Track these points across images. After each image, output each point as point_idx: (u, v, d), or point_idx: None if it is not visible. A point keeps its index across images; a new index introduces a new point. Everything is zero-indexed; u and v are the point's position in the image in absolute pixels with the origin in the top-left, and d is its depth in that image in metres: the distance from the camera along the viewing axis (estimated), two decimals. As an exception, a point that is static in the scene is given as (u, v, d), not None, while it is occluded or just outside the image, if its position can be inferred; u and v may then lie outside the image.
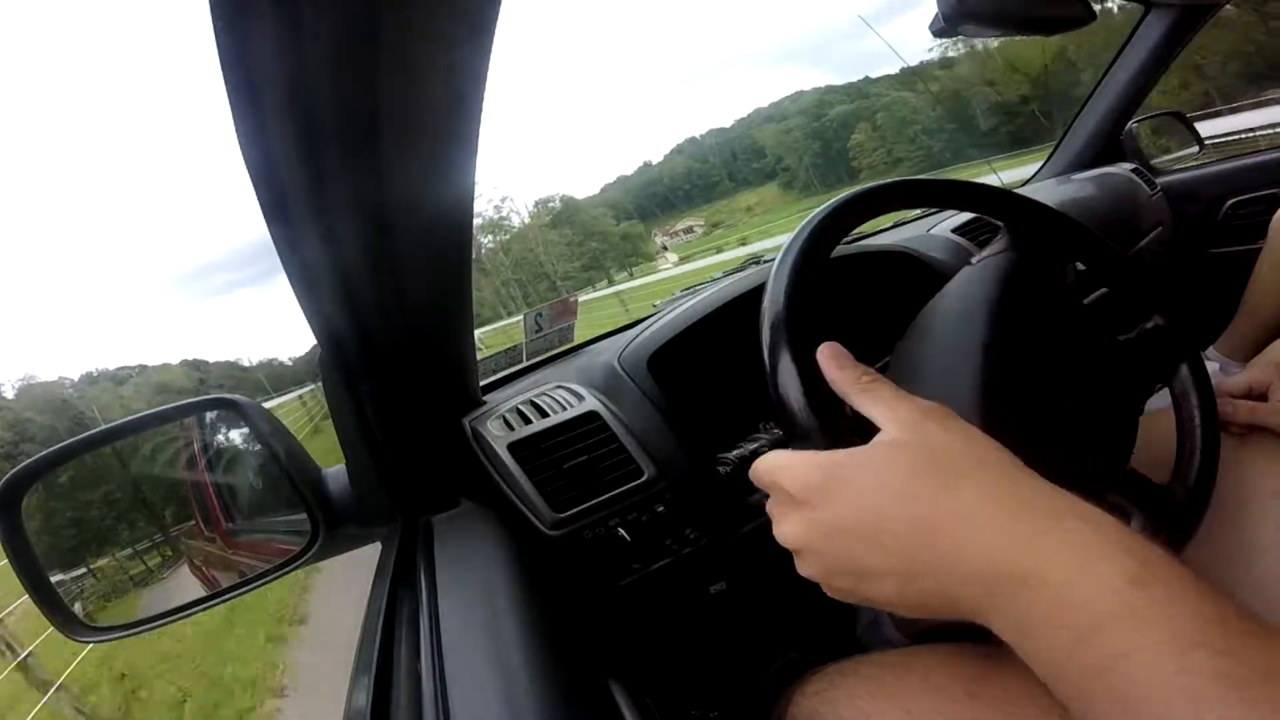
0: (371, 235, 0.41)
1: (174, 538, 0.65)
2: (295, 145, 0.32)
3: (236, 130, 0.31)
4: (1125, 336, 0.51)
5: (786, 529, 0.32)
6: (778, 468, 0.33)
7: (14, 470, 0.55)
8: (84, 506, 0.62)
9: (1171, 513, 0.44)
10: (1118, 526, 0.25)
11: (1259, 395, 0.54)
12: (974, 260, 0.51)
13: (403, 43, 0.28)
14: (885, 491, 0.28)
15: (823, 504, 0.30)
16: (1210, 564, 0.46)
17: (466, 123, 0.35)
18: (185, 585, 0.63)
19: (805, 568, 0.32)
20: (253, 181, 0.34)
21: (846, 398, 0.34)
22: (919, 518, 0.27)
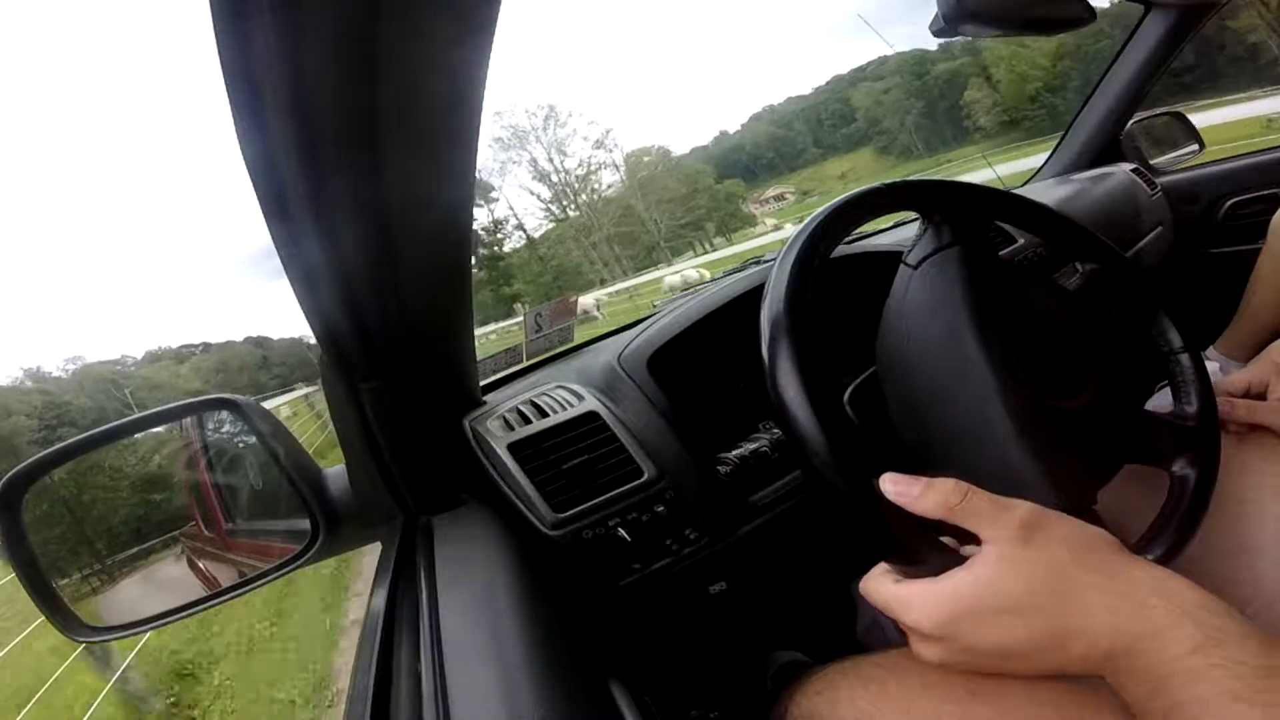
0: (371, 235, 0.41)
1: (112, 565, 0.63)
2: (295, 145, 0.32)
3: (236, 130, 0.31)
4: (1075, 285, 0.52)
5: (929, 655, 0.37)
6: (899, 605, 0.38)
7: (14, 470, 0.55)
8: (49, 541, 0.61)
9: (1190, 437, 0.47)
10: (1187, 594, 0.31)
11: (1258, 394, 0.54)
12: (910, 262, 0.51)
13: (403, 43, 0.28)
14: (1005, 614, 0.34)
15: (954, 636, 0.35)
16: (1211, 563, 0.46)
17: (466, 122, 0.35)
18: (133, 598, 0.62)
19: (951, 670, 0.38)
20: (253, 181, 0.34)
21: (945, 520, 0.37)
22: (1040, 630, 0.33)
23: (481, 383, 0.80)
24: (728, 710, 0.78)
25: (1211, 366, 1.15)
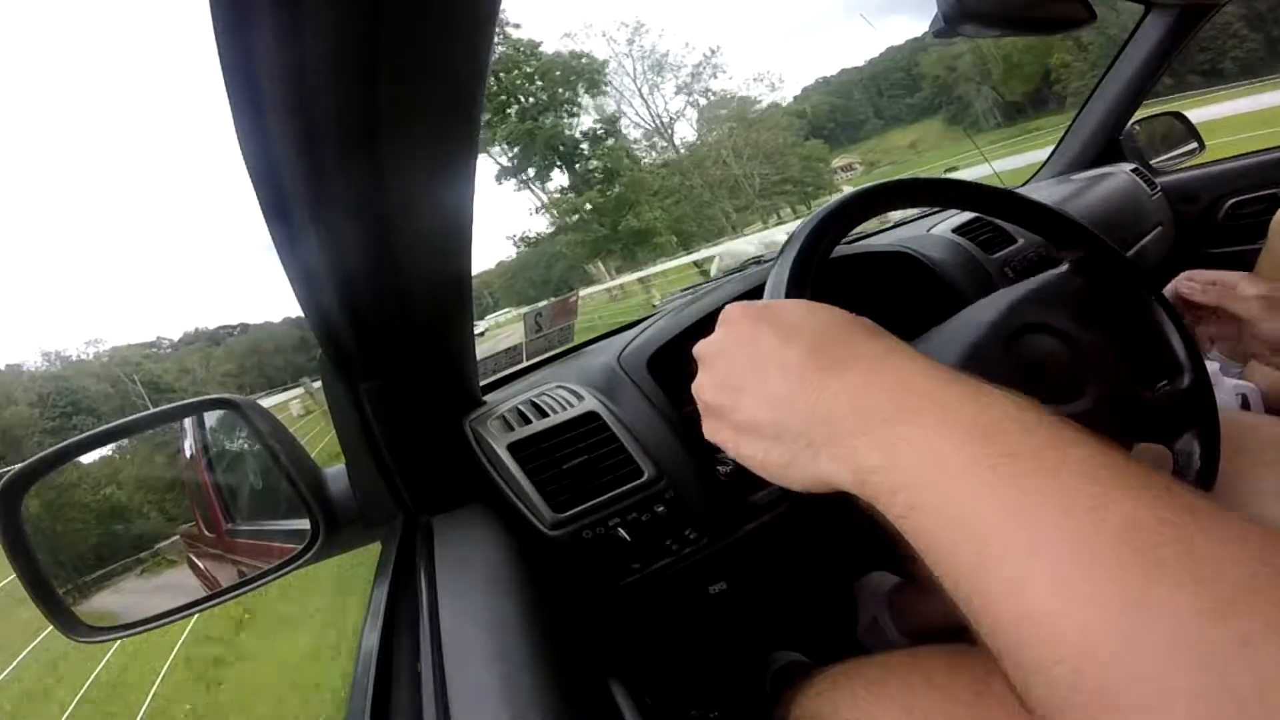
0: (371, 235, 0.41)
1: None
2: (295, 145, 0.32)
3: (236, 129, 0.31)
4: (1146, 393, 0.50)
5: (699, 385, 0.35)
6: (704, 342, 0.36)
7: (13, 471, 0.55)
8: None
9: None
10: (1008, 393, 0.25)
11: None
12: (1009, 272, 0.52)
13: (403, 42, 0.28)
14: (787, 328, 0.31)
15: (715, 367, 0.34)
16: None
17: (466, 122, 0.35)
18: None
19: (705, 411, 0.35)
20: (252, 181, 0.34)
21: None
22: (815, 346, 0.30)
23: (481, 383, 0.80)
24: (728, 710, 0.78)
25: (1212, 366, 1.15)
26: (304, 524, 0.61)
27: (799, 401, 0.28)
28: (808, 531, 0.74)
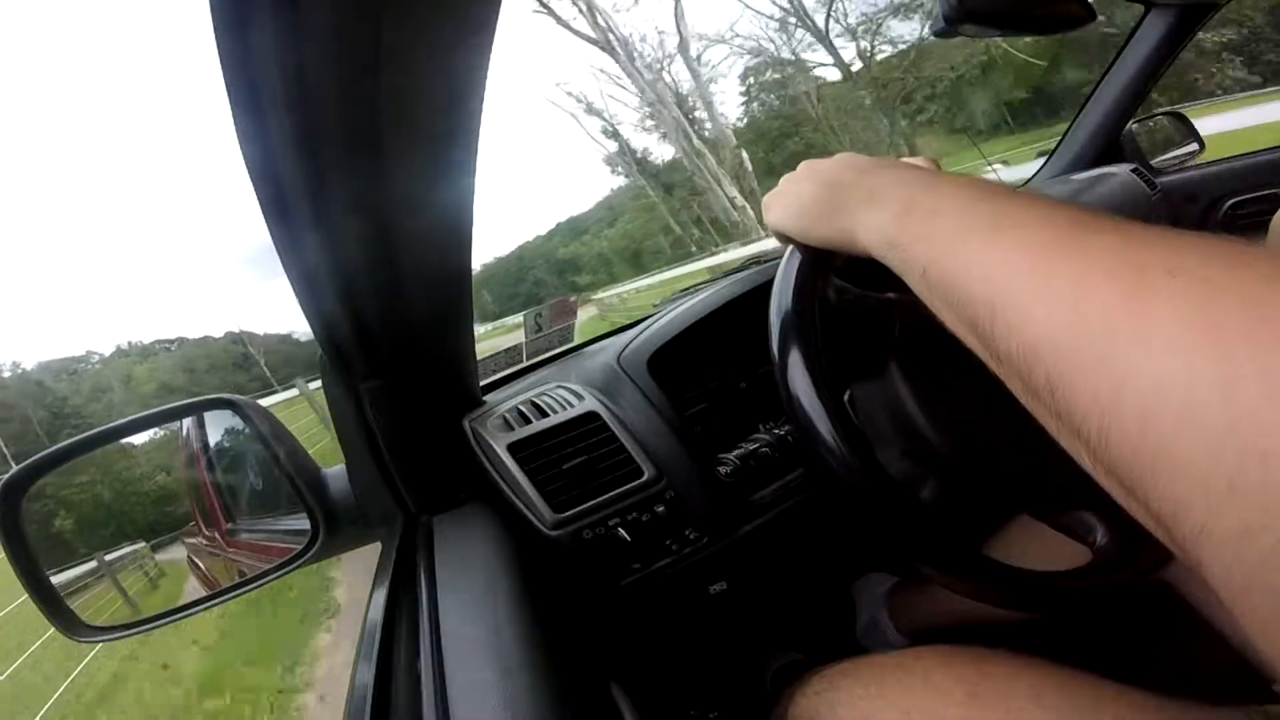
0: (372, 235, 0.41)
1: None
2: (295, 145, 0.32)
3: (236, 130, 0.31)
4: None
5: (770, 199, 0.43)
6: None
7: (13, 471, 0.55)
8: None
9: (1139, 537, 0.43)
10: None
11: None
12: None
13: (403, 43, 0.28)
14: (807, 179, 0.40)
15: (778, 189, 0.42)
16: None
17: (466, 122, 0.35)
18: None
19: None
20: (253, 181, 0.34)
21: None
22: (875, 159, 0.37)
23: (481, 383, 0.80)
24: (727, 710, 0.78)
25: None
26: (304, 524, 0.61)
27: (850, 177, 0.36)
28: (808, 532, 0.74)
